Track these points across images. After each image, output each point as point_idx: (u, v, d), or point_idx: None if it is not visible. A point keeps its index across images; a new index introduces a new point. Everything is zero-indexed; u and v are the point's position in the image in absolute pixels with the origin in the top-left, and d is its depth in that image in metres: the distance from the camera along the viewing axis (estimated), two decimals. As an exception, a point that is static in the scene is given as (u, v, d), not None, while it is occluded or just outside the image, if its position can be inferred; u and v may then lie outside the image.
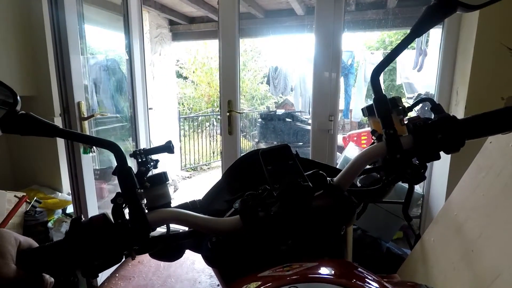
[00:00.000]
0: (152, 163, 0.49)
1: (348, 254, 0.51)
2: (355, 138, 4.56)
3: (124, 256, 0.40)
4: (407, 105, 0.50)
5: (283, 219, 0.40)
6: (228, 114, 2.12)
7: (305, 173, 0.43)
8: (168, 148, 0.51)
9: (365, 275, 0.29)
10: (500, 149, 1.03)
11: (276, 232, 0.41)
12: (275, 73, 5.86)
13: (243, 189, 0.46)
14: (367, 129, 5.04)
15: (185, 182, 4.76)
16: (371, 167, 0.54)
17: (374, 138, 0.51)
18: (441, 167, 1.78)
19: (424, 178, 0.45)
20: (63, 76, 1.74)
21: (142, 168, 0.47)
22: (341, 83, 4.60)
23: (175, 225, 0.45)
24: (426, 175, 0.46)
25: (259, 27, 4.34)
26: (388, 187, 0.49)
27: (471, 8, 0.41)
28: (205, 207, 0.53)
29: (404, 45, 0.43)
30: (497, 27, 1.43)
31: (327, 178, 0.45)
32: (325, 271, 0.30)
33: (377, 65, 0.44)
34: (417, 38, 0.44)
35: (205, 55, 8.30)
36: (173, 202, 0.48)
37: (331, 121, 1.95)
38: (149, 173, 0.46)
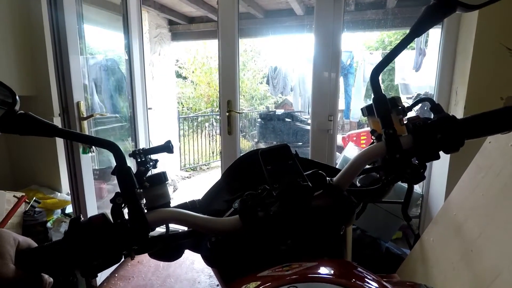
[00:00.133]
0: (151, 163, 0.49)
1: (347, 254, 0.51)
2: (355, 138, 4.56)
3: (123, 256, 0.40)
4: (406, 105, 0.50)
5: (283, 219, 0.40)
6: (227, 114, 2.12)
7: (304, 173, 0.43)
8: (167, 148, 0.51)
9: (365, 274, 0.29)
10: (499, 149, 1.03)
11: (275, 232, 0.41)
12: (275, 73, 5.87)
13: (243, 189, 0.46)
14: (367, 129, 5.04)
15: (185, 182, 4.76)
16: (371, 167, 0.54)
17: (373, 138, 0.51)
18: (440, 167, 1.78)
19: (423, 178, 0.45)
20: (62, 76, 1.74)
21: (141, 168, 0.46)
22: (341, 83, 4.61)
23: (174, 225, 0.45)
24: (425, 175, 0.46)
25: (258, 27, 4.34)
26: (387, 187, 0.49)
27: (470, 8, 0.41)
28: (204, 207, 0.52)
29: (403, 45, 0.43)
30: (496, 27, 1.43)
31: (327, 178, 0.45)
32: (324, 270, 0.30)
33: (377, 65, 0.44)
34: (416, 38, 0.44)
35: (205, 55, 8.30)
36: (172, 202, 0.48)
37: (331, 121, 1.95)
38: (148, 173, 0.46)
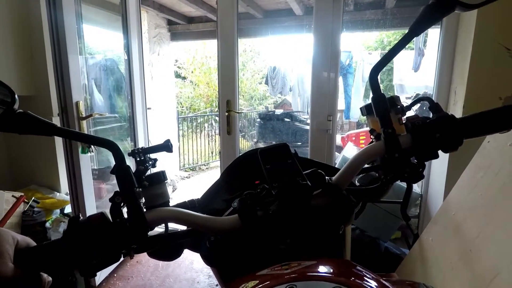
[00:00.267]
0: (150, 162, 0.49)
1: (346, 253, 0.51)
2: (354, 138, 4.57)
3: (122, 255, 0.40)
4: (405, 105, 0.50)
5: (282, 218, 0.40)
6: (226, 114, 2.12)
7: (303, 172, 0.43)
8: (166, 147, 0.51)
9: (364, 273, 0.29)
10: (498, 148, 1.03)
11: (274, 231, 0.41)
12: (273, 73, 5.87)
13: (242, 189, 0.46)
14: (366, 129, 5.05)
15: (184, 182, 4.75)
16: (370, 166, 0.54)
17: (372, 137, 0.51)
18: (439, 166, 1.79)
19: (422, 177, 0.45)
20: (61, 76, 1.73)
21: (140, 167, 0.46)
22: (340, 83, 4.62)
23: (173, 225, 0.45)
24: (424, 174, 0.46)
25: (258, 27, 4.35)
26: (386, 186, 0.49)
27: (469, 7, 0.41)
28: (203, 206, 0.52)
29: (402, 45, 0.44)
30: (495, 27, 1.43)
31: (326, 177, 0.45)
32: (323, 269, 0.30)
33: (376, 64, 0.44)
34: (415, 37, 0.44)
35: (204, 55, 8.29)
36: (171, 202, 0.48)
37: (330, 121, 1.95)
38: (147, 172, 0.46)
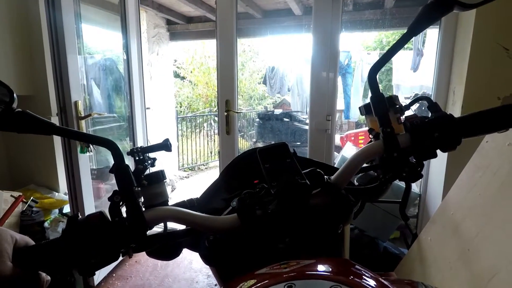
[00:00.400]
0: (149, 161, 0.49)
1: (345, 253, 0.51)
2: (353, 138, 4.57)
3: (121, 254, 0.40)
4: (404, 104, 0.50)
5: (281, 217, 0.40)
6: (225, 113, 2.12)
7: (302, 171, 0.43)
8: (165, 146, 0.51)
9: (363, 272, 0.29)
10: (496, 148, 1.03)
11: (273, 230, 0.41)
12: (272, 73, 5.87)
13: (241, 188, 0.46)
14: (365, 129, 5.06)
15: (183, 182, 4.75)
16: (368, 165, 0.54)
17: (371, 136, 0.52)
18: (438, 166, 1.79)
19: (421, 176, 0.45)
20: (60, 75, 1.73)
21: (139, 166, 0.46)
22: (339, 83, 4.63)
23: (172, 224, 0.45)
24: (423, 174, 0.46)
25: (257, 27, 4.35)
26: (385, 185, 0.49)
27: (467, 7, 0.41)
28: (202, 205, 0.52)
29: (401, 44, 0.44)
30: (493, 27, 1.44)
31: (325, 176, 0.45)
32: (322, 268, 0.30)
33: (374, 64, 0.45)
34: (414, 36, 0.44)
35: (203, 55, 8.29)
36: (170, 202, 0.48)
37: (329, 120, 1.95)
38: (146, 171, 0.46)
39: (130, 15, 2.22)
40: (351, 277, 0.27)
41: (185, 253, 0.49)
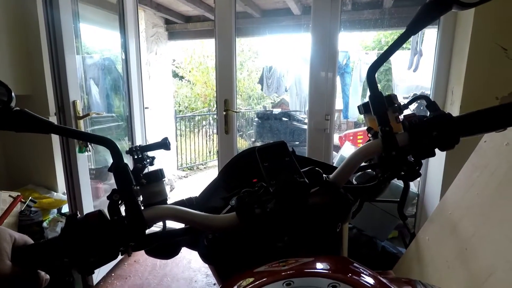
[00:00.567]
0: (148, 160, 0.49)
1: (343, 251, 0.51)
2: (351, 137, 4.58)
3: (120, 252, 0.40)
4: (402, 103, 0.51)
5: (279, 216, 0.40)
6: (224, 113, 2.11)
7: (301, 170, 0.43)
8: (164, 144, 0.51)
9: (361, 270, 0.29)
10: (494, 148, 1.04)
11: (272, 228, 0.41)
12: (269, 72, 5.86)
13: (240, 187, 0.46)
14: (363, 128, 5.07)
15: (182, 181, 4.75)
16: (367, 164, 0.54)
17: (370, 135, 0.52)
18: (436, 166, 1.80)
19: (419, 175, 0.45)
20: (58, 75, 1.72)
21: (138, 165, 0.46)
22: (338, 82, 4.63)
23: (171, 223, 0.45)
24: (421, 173, 0.46)
25: (255, 27, 4.35)
26: (383, 184, 0.49)
27: (466, 6, 0.41)
28: (201, 204, 0.52)
29: (400, 43, 0.44)
30: (492, 27, 1.44)
31: (323, 175, 0.45)
32: (320, 266, 0.30)
33: (373, 63, 0.45)
34: (412, 35, 0.44)
35: (202, 54, 8.28)
36: (169, 201, 0.48)
37: (328, 120, 1.95)
38: (145, 170, 0.46)
39: (128, 14, 2.21)
40: (350, 274, 0.27)
41: (184, 252, 0.49)
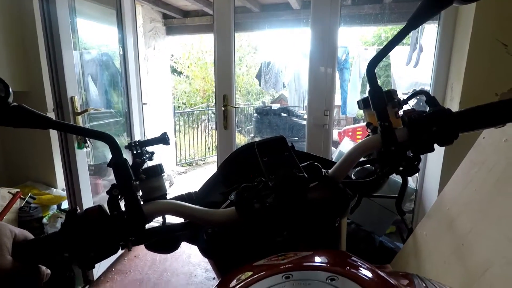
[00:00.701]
0: (147, 155, 0.49)
1: (342, 246, 0.51)
2: (350, 133, 4.59)
3: (120, 247, 0.40)
4: (402, 98, 0.51)
5: (278, 210, 0.41)
6: (223, 108, 2.11)
7: (300, 165, 0.43)
8: (163, 139, 0.51)
9: (359, 263, 0.29)
10: (493, 144, 1.04)
11: (271, 223, 0.41)
12: (267, 68, 5.82)
13: (239, 181, 0.46)
14: (362, 124, 5.07)
15: (181, 177, 4.75)
16: (366, 159, 0.54)
17: (369, 130, 0.52)
18: (434, 162, 1.80)
19: (418, 170, 0.45)
20: (56, 70, 1.71)
21: (137, 159, 0.46)
22: (336, 78, 4.61)
23: (171, 218, 0.45)
24: (419, 168, 0.46)
25: (254, 21, 4.31)
26: (382, 179, 0.49)
27: (467, 0, 0.41)
28: (200, 199, 0.53)
29: (400, 38, 0.43)
30: (493, 23, 1.43)
31: (322, 169, 0.45)
32: (319, 259, 0.30)
33: (373, 57, 0.44)
34: (413, 30, 0.44)
35: (200, 49, 8.23)
36: (168, 197, 0.48)
37: (327, 116, 1.95)
38: (144, 165, 0.46)
39: (126, 9, 2.19)
40: (348, 268, 0.27)
41: (184, 247, 0.49)
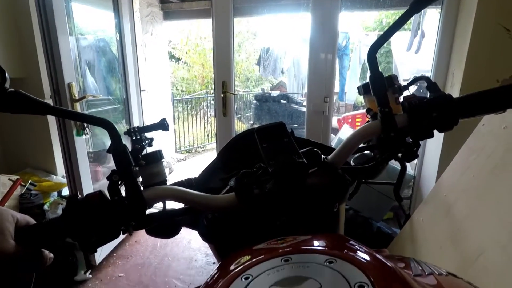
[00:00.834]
0: (146, 141, 0.49)
1: (340, 231, 0.52)
2: (350, 120, 4.58)
3: (121, 232, 0.41)
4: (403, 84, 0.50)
5: (278, 196, 0.41)
6: (222, 95, 2.09)
7: (300, 151, 0.44)
8: (162, 125, 0.51)
9: (356, 247, 0.30)
10: (492, 131, 1.04)
11: (270, 209, 0.41)
12: (266, 54, 5.74)
13: (238, 167, 0.46)
14: (362, 111, 5.05)
15: (180, 164, 4.77)
16: (365, 145, 0.54)
17: (369, 116, 0.52)
18: (433, 149, 1.81)
19: (417, 156, 0.45)
20: (52, 57, 1.68)
21: (137, 145, 0.46)
22: (336, 65, 4.56)
23: (171, 204, 0.45)
24: (418, 154, 0.46)
25: (254, 6, 4.22)
26: (381, 165, 0.50)
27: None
28: (200, 185, 0.53)
29: (402, 22, 0.43)
30: (496, 8, 1.41)
31: (322, 155, 0.45)
32: (317, 243, 0.31)
33: (374, 42, 0.44)
34: (415, 14, 0.43)
35: (198, 36, 8.09)
36: (168, 183, 0.48)
37: (326, 102, 1.94)
38: (143, 151, 0.46)
39: (122, -8, 2.14)
40: (346, 251, 0.27)
41: (184, 233, 0.50)
